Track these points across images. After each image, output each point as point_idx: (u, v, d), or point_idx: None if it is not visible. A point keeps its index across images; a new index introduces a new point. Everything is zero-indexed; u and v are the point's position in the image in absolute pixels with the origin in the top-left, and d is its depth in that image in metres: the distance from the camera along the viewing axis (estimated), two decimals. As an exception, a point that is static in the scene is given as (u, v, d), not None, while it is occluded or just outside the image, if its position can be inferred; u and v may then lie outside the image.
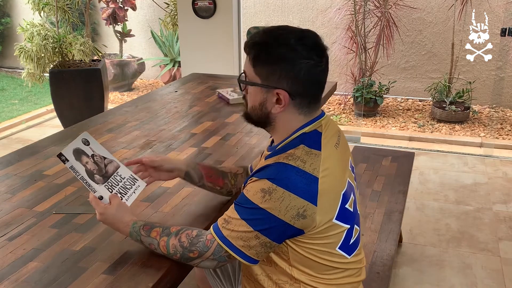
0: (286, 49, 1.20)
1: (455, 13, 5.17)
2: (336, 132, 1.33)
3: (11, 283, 1.18)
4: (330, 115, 1.40)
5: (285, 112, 1.25)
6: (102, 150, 1.39)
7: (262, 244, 1.17)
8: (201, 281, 1.79)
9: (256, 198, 1.16)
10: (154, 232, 1.25)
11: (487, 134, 4.86)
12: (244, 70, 1.28)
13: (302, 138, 1.24)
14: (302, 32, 1.24)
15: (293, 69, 1.20)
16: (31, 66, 4.64)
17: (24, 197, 1.63)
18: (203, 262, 1.22)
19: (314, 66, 1.22)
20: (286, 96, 1.22)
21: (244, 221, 1.16)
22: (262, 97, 1.25)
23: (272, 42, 1.22)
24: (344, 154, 1.33)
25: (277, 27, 1.26)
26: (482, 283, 2.52)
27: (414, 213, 3.22)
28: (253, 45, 1.24)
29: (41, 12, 5.09)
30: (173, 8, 5.77)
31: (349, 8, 5.44)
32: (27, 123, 5.27)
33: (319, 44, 1.25)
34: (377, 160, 2.95)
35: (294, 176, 1.16)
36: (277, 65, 1.20)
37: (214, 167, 1.55)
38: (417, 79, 5.66)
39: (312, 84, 1.25)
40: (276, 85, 1.22)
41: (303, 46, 1.21)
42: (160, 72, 6.64)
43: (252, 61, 1.24)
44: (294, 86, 1.22)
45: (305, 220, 1.16)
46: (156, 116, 2.51)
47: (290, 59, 1.20)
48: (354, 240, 1.31)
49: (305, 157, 1.19)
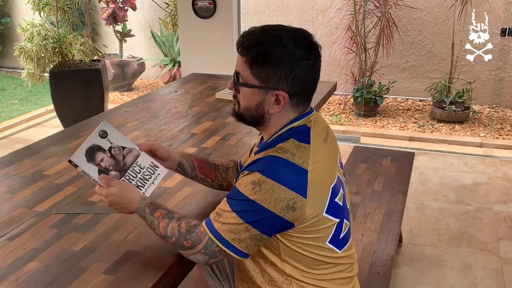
0: (285, 50, 1.20)
1: (455, 13, 5.17)
2: (325, 128, 1.34)
3: (11, 283, 1.18)
4: (319, 113, 1.40)
5: (282, 112, 1.26)
6: (121, 139, 1.36)
7: (252, 237, 1.18)
8: (199, 281, 1.79)
9: (246, 190, 1.17)
10: (158, 213, 1.26)
11: (487, 134, 4.86)
12: (238, 70, 1.26)
13: (292, 132, 1.25)
14: (298, 32, 1.24)
15: (293, 71, 1.20)
16: (31, 66, 4.64)
17: (24, 197, 1.63)
18: (195, 255, 1.22)
19: (312, 66, 1.23)
20: (286, 97, 1.23)
21: (234, 213, 1.17)
22: (259, 98, 1.25)
23: (270, 43, 1.21)
24: (332, 149, 1.34)
25: (270, 27, 1.25)
26: (482, 283, 2.52)
27: (414, 213, 3.22)
28: (249, 46, 1.22)
29: (41, 12, 5.09)
30: (173, 8, 5.78)
31: (349, 8, 5.44)
32: (27, 123, 5.27)
33: (315, 44, 1.25)
34: (377, 160, 2.95)
35: (283, 168, 1.17)
36: (277, 67, 1.20)
37: (206, 159, 1.56)
38: (417, 79, 5.66)
39: (310, 83, 1.26)
40: (275, 87, 1.22)
41: (302, 47, 1.21)
42: (160, 72, 6.64)
43: (249, 63, 1.22)
44: (294, 86, 1.22)
45: (294, 212, 1.17)
46: (156, 116, 2.51)
47: (290, 61, 1.20)
48: (344, 234, 1.32)
49: (294, 150, 1.20)
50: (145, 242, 1.35)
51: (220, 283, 1.68)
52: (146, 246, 1.34)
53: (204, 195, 1.63)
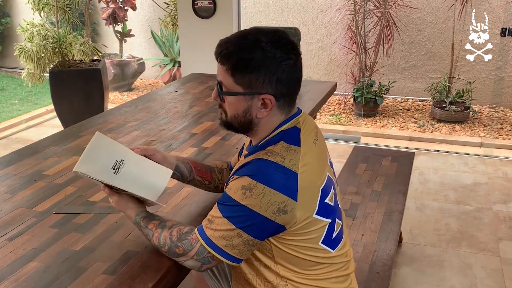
0: (265, 53, 1.19)
1: (455, 13, 5.17)
2: (314, 128, 1.34)
3: (11, 283, 1.18)
4: (307, 113, 1.39)
5: (270, 115, 1.26)
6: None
7: (245, 243, 1.18)
8: (199, 282, 1.79)
9: (237, 195, 1.17)
10: (151, 224, 1.28)
11: (487, 134, 4.87)
12: (221, 80, 1.25)
13: (282, 135, 1.25)
14: (275, 34, 1.23)
15: (276, 73, 1.20)
16: (31, 66, 4.64)
17: (24, 197, 1.63)
18: (188, 261, 1.22)
19: (294, 65, 1.23)
20: (273, 100, 1.22)
21: (226, 219, 1.17)
22: (246, 105, 1.24)
23: (249, 48, 1.20)
24: (322, 149, 1.34)
25: (246, 31, 1.24)
26: (482, 283, 2.52)
27: (414, 213, 3.22)
28: (228, 55, 1.21)
29: (41, 12, 5.09)
30: (173, 8, 5.77)
31: (349, 8, 5.44)
32: (27, 123, 5.27)
33: (292, 43, 1.24)
34: (377, 160, 2.95)
35: (273, 172, 1.17)
36: (259, 71, 1.19)
37: (201, 162, 1.56)
38: (417, 79, 5.66)
39: (294, 83, 1.25)
40: (260, 91, 1.21)
41: (281, 48, 1.20)
42: (160, 72, 6.64)
43: (231, 71, 1.21)
44: (279, 88, 1.22)
45: (286, 215, 1.17)
46: (156, 116, 2.51)
47: (272, 63, 1.19)
48: (336, 234, 1.32)
49: (284, 153, 1.20)
50: (145, 242, 1.35)
51: (219, 283, 1.68)
52: (146, 246, 1.34)
53: (204, 195, 1.63)
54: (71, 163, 1.90)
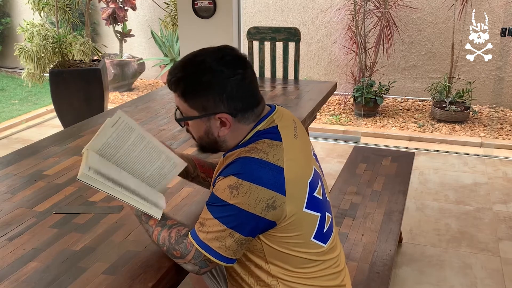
0: (211, 74, 1.20)
1: (455, 13, 5.17)
2: (292, 122, 1.34)
3: (11, 283, 1.18)
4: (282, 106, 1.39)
5: (232, 130, 1.25)
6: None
7: (238, 242, 1.18)
8: (196, 282, 1.79)
9: (224, 195, 1.17)
10: (152, 221, 1.28)
11: (487, 134, 4.87)
12: (177, 106, 1.27)
13: (260, 134, 1.25)
14: (219, 51, 1.24)
15: (225, 90, 1.20)
16: (31, 66, 4.64)
17: (24, 197, 1.63)
18: (186, 264, 1.23)
19: (242, 80, 1.22)
20: (229, 117, 1.23)
21: (216, 220, 1.17)
22: (205, 126, 1.25)
23: (195, 72, 1.21)
24: (304, 143, 1.34)
25: (194, 54, 1.25)
26: (482, 283, 2.52)
27: (414, 213, 3.22)
28: (177, 81, 1.23)
29: (41, 12, 5.09)
30: (173, 8, 5.78)
31: (349, 8, 5.44)
32: (27, 123, 5.27)
33: (239, 57, 1.25)
34: (377, 160, 2.95)
35: (258, 168, 1.17)
36: (208, 92, 1.20)
37: (203, 159, 1.57)
38: (417, 79, 5.66)
39: (247, 96, 1.24)
40: (214, 111, 1.22)
41: (226, 65, 1.21)
42: (160, 72, 6.64)
43: (183, 97, 1.23)
44: (232, 104, 1.22)
45: (275, 211, 1.17)
46: (156, 116, 2.51)
47: (218, 82, 1.20)
48: (327, 228, 1.32)
49: (267, 149, 1.20)
50: (145, 242, 1.35)
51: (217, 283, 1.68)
52: (146, 246, 1.34)
53: (204, 195, 1.63)
54: (71, 163, 1.90)
